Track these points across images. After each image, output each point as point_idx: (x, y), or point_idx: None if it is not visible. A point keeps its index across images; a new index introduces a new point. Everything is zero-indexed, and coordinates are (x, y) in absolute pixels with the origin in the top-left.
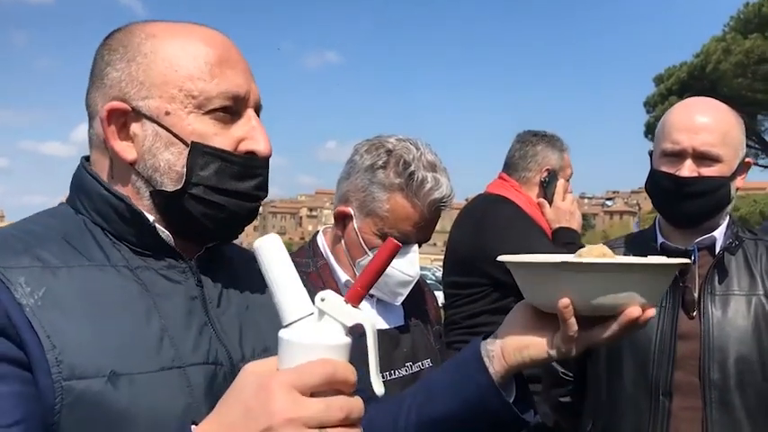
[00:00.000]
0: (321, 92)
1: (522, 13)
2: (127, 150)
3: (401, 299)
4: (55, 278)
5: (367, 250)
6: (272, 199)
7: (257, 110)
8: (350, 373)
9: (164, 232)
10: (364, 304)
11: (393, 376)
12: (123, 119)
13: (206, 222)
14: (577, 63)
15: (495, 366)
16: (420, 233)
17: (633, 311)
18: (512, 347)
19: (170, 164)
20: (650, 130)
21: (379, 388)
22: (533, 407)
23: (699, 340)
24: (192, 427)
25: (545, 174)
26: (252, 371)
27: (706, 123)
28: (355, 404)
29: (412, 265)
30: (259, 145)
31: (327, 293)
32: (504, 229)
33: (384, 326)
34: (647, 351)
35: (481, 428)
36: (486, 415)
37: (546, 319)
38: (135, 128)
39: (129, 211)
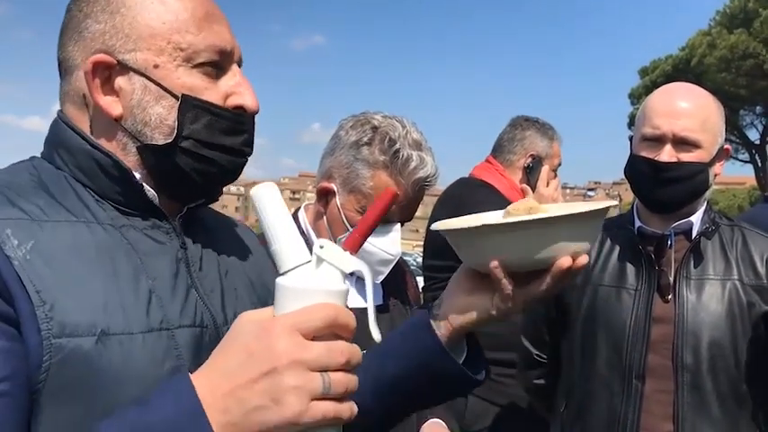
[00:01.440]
0: (307, 74)
1: (510, 2)
2: (112, 105)
3: (381, 277)
4: (42, 232)
5: (349, 227)
6: (255, 180)
7: (240, 65)
8: (350, 319)
9: (150, 191)
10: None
11: None
12: (108, 72)
13: (195, 177)
14: (562, 53)
15: (442, 330)
16: (403, 212)
17: (563, 262)
18: (455, 310)
19: (161, 117)
20: (634, 122)
21: (377, 334)
22: (485, 366)
23: (673, 324)
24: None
25: (529, 159)
26: (249, 318)
27: (686, 109)
28: (355, 350)
29: (393, 244)
30: (247, 99)
31: (326, 242)
32: None
33: (363, 304)
34: (622, 334)
35: (433, 388)
36: (436, 375)
37: (485, 281)
38: (121, 81)
39: (117, 168)
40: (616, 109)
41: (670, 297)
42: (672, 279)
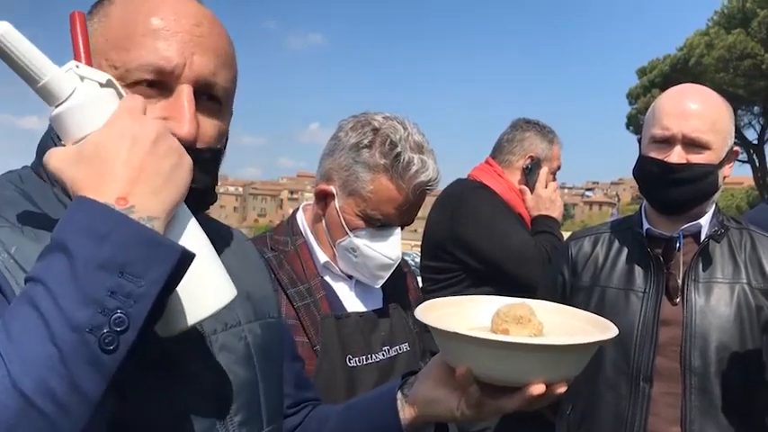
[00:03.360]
0: (305, 73)
1: (509, 1)
2: None
3: (381, 282)
4: (25, 238)
5: (348, 231)
6: (253, 180)
7: (209, 89)
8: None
9: None
10: (343, 286)
11: (370, 360)
12: None
13: None
14: (560, 53)
15: (405, 413)
16: (403, 216)
17: (535, 390)
18: (422, 399)
19: None
20: (632, 122)
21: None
22: None
23: (681, 327)
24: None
25: (528, 160)
26: (94, 135)
27: (696, 110)
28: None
29: (393, 249)
30: (179, 128)
31: (73, 62)
32: (478, 220)
33: (362, 309)
34: (630, 336)
35: None
36: None
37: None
38: None
39: None
40: (614, 109)
41: (678, 300)
42: (680, 282)
